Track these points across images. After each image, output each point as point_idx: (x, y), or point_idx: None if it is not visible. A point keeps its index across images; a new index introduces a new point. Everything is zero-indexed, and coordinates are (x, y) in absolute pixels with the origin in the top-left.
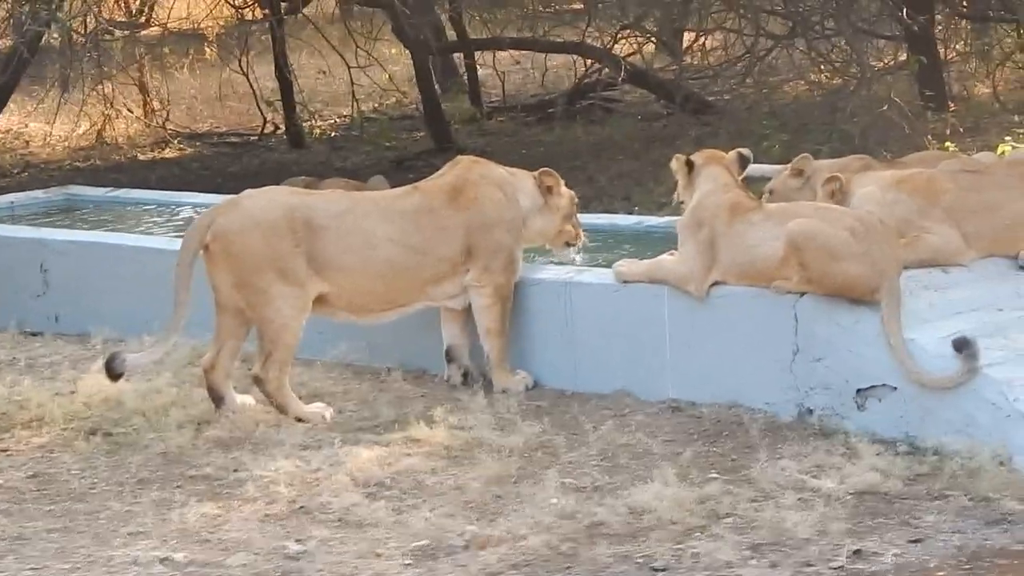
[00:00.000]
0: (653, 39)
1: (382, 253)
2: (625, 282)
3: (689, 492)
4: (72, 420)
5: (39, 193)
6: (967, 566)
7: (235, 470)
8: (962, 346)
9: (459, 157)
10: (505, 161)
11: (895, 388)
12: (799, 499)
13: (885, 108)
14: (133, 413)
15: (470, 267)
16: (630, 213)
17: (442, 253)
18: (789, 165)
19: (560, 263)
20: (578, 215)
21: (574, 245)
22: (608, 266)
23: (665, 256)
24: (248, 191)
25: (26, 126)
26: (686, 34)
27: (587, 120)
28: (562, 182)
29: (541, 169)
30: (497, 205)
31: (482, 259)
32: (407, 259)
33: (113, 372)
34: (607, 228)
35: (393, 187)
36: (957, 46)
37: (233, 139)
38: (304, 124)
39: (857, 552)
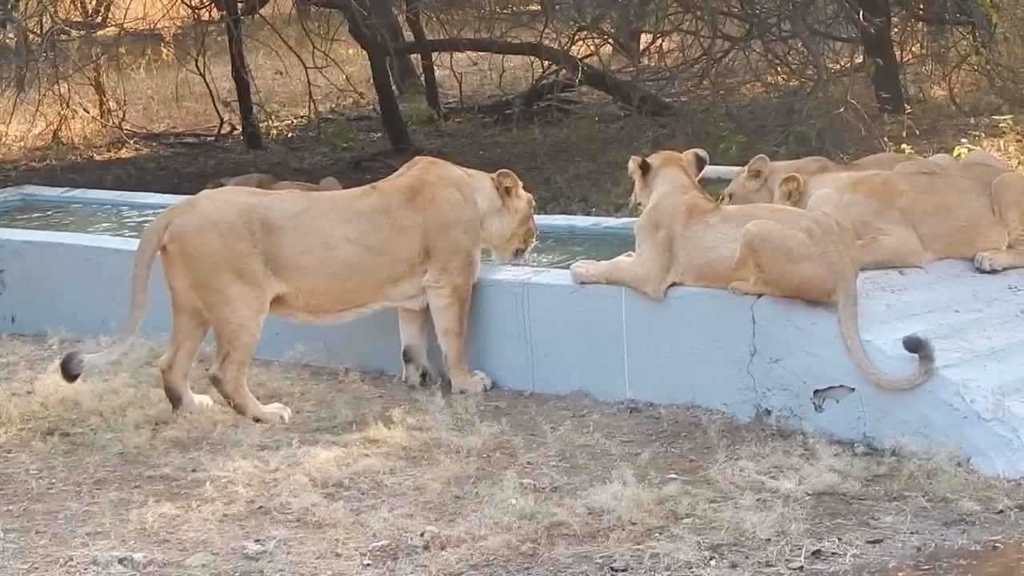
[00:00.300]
0: (610, 41)
1: (340, 253)
2: (583, 283)
3: (648, 493)
4: (29, 420)
5: None
6: (926, 566)
7: (193, 470)
8: (915, 346)
9: (417, 158)
10: (462, 162)
11: (852, 389)
12: (758, 500)
13: (842, 110)
14: (90, 413)
15: (428, 268)
16: (587, 214)
17: (400, 254)
18: (746, 167)
19: (517, 264)
20: (534, 217)
21: (523, 250)
22: (566, 267)
23: (622, 257)
24: (205, 191)
25: None
26: (643, 36)
27: (544, 121)
28: (520, 183)
29: (500, 171)
30: (455, 206)
31: (440, 260)
32: (365, 259)
33: (70, 373)
34: (564, 229)
35: (348, 188)
36: (913, 48)
37: (190, 139)
38: (261, 125)
39: (816, 553)
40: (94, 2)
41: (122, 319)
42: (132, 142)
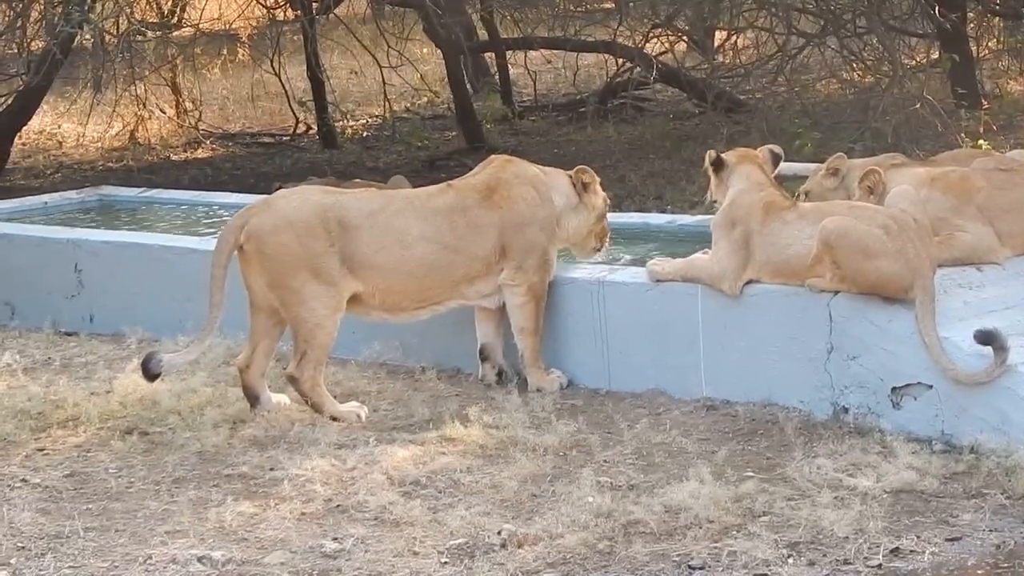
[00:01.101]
0: (684, 38)
1: (416, 252)
2: (658, 281)
3: (725, 491)
4: (108, 420)
5: (72, 194)
6: (1005, 564)
7: (271, 469)
8: (986, 339)
9: (492, 156)
10: (537, 160)
11: (930, 386)
12: (836, 497)
13: (917, 106)
14: (169, 412)
15: (504, 266)
16: (662, 212)
17: (476, 252)
18: (824, 165)
19: (594, 262)
20: (608, 215)
21: (599, 248)
22: (641, 265)
23: (698, 255)
24: (281, 191)
25: (59, 127)
26: (717, 33)
27: (619, 119)
28: (598, 180)
29: (578, 167)
30: (531, 204)
31: (516, 258)
32: (441, 258)
33: (150, 372)
34: (639, 227)
35: (417, 187)
36: (989, 43)
37: (265, 139)
38: (336, 124)
39: (895, 551)
40: (170, 3)
41: (199, 319)
42: (208, 142)
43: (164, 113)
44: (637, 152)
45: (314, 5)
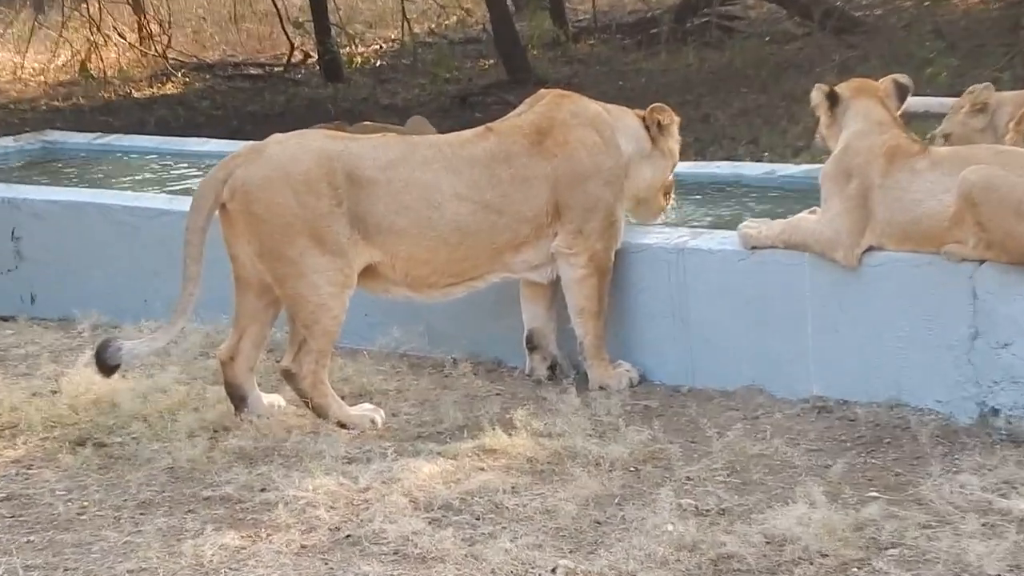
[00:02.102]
0: None
1: (447, 212)
2: (754, 248)
3: (842, 516)
4: (55, 427)
5: (8, 141)
6: None
7: (262, 489)
8: None
9: (542, 91)
10: (598, 95)
11: None
12: (984, 524)
13: None
14: (132, 418)
15: (559, 229)
16: (758, 160)
17: (523, 212)
18: (965, 98)
19: (669, 225)
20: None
21: (667, 208)
22: (732, 228)
23: (804, 215)
24: (275, 136)
25: None
26: None
27: (701, 43)
28: (677, 120)
29: (652, 105)
30: (592, 150)
31: (574, 219)
32: (479, 220)
33: (106, 365)
34: (729, 179)
35: (445, 131)
36: None
37: (252, 70)
38: (342, 51)
39: None
40: None
41: (170, 298)
42: (179, 74)
43: (123, 39)
44: (724, 84)
45: None
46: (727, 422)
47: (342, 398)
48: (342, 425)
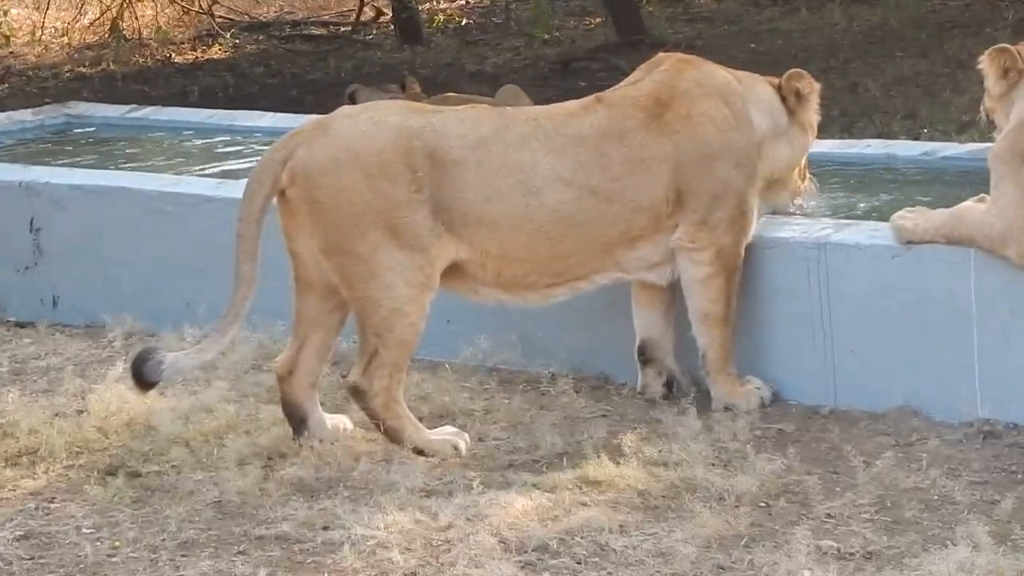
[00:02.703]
0: None
1: (548, 200)
2: (909, 243)
3: (1011, 561)
4: (80, 453)
5: (26, 114)
6: None
7: (325, 527)
8: None
9: (661, 55)
10: (726, 60)
11: None
12: None
13: None
14: (171, 443)
15: (680, 220)
16: (915, 138)
17: (639, 199)
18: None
19: (810, 214)
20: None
21: (802, 192)
22: (883, 219)
23: (970, 203)
24: (343, 109)
25: (4, 15)
26: None
27: None
28: (818, 89)
29: (789, 71)
30: (721, 126)
31: (699, 208)
32: (585, 208)
33: (145, 380)
34: (881, 160)
35: (544, 102)
36: None
37: (314, 31)
38: (421, 8)
39: None
40: None
41: (218, 301)
42: (228, 36)
43: None
44: (877, 48)
45: None
46: (875, 449)
47: (420, 420)
48: (420, 452)
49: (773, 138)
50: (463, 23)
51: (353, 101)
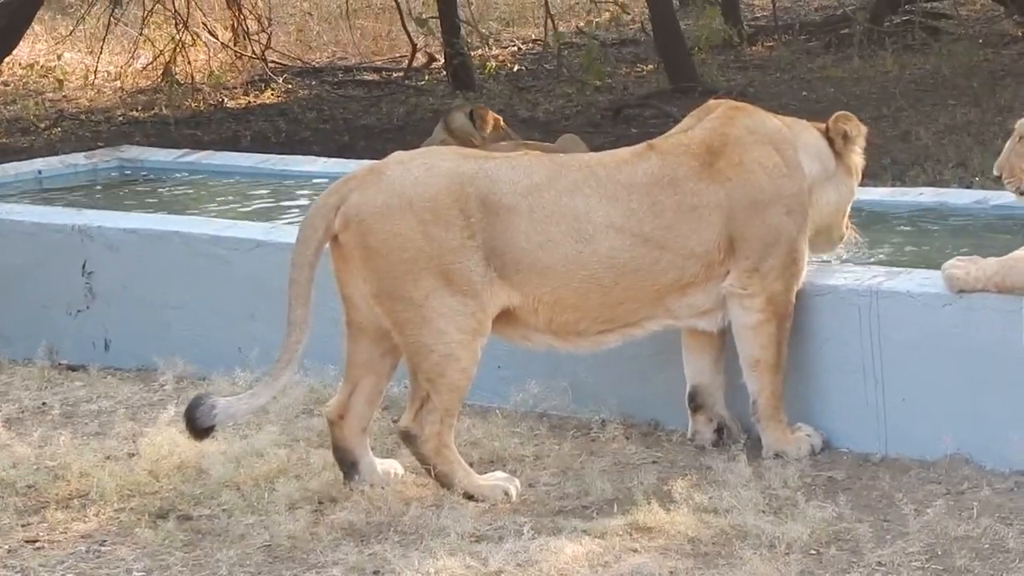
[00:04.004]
0: None
1: (601, 247)
2: (961, 291)
3: None
4: (132, 496)
5: (79, 158)
6: None
7: (375, 572)
8: None
9: (712, 102)
10: (778, 108)
11: None
12: None
13: None
14: (222, 486)
15: (731, 267)
16: (967, 186)
17: (691, 246)
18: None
19: (859, 263)
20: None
21: (844, 238)
22: (935, 267)
23: (1022, 252)
24: (396, 154)
25: (58, 58)
26: None
27: (901, 45)
28: (864, 132)
29: (837, 113)
30: (773, 173)
31: (750, 255)
32: (638, 256)
33: (198, 426)
34: (932, 208)
35: (598, 149)
36: None
37: (367, 76)
38: (473, 54)
39: None
40: None
41: (269, 345)
42: (280, 80)
43: (215, 37)
44: (929, 96)
45: None
46: (927, 497)
47: (470, 465)
48: (470, 497)
49: (822, 183)
50: (515, 69)
51: (448, 125)
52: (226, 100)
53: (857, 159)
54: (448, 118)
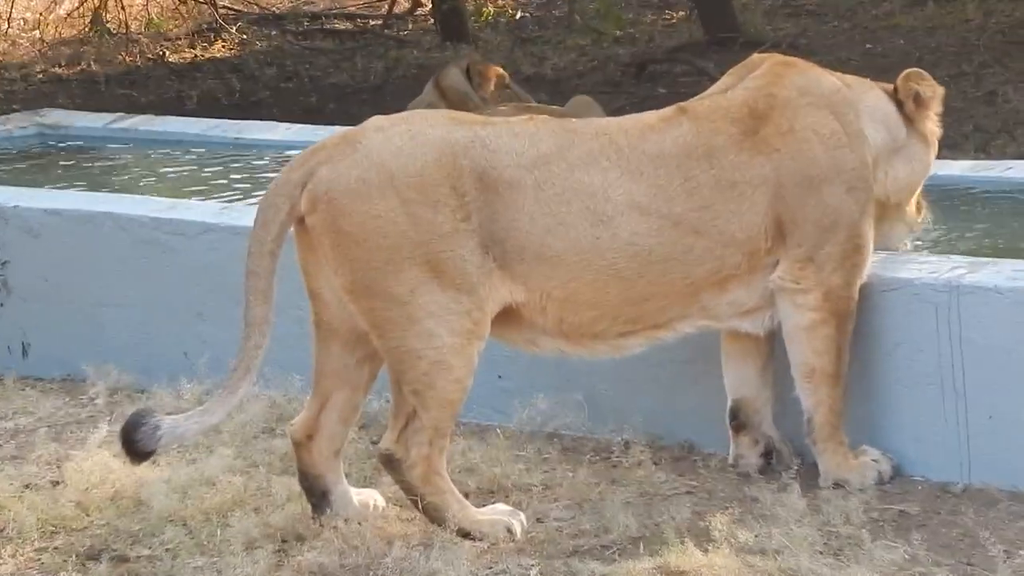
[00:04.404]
0: None
1: (621, 231)
2: None
3: None
4: (56, 533)
5: None
6: None
7: None
8: None
9: (756, 56)
10: (835, 63)
11: None
12: None
13: None
14: (165, 521)
15: (781, 257)
16: None
17: (731, 231)
18: None
19: (933, 252)
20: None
21: (917, 226)
22: None
23: None
24: (374, 120)
25: None
26: None
27: None
28: (941, 93)
29: (906, 71)
30: (830, 143)
31: (804, 241)
32: (666, 242)
33: (137, 449)
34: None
35: (617, 113)
36: None
37: (338, 25)
38: None
39: None
40: None
41: (222, 349)
42: (234, 29)
43: None
44: (1019, 49)
45: None
46: (1018, 536)
47: (466, 495)
48: (466, 534)
49: (889, 156)
50: (517, 16)
51: (439, 84)
52: (168, 54)
53: (932, 126)
54: (440, 75)
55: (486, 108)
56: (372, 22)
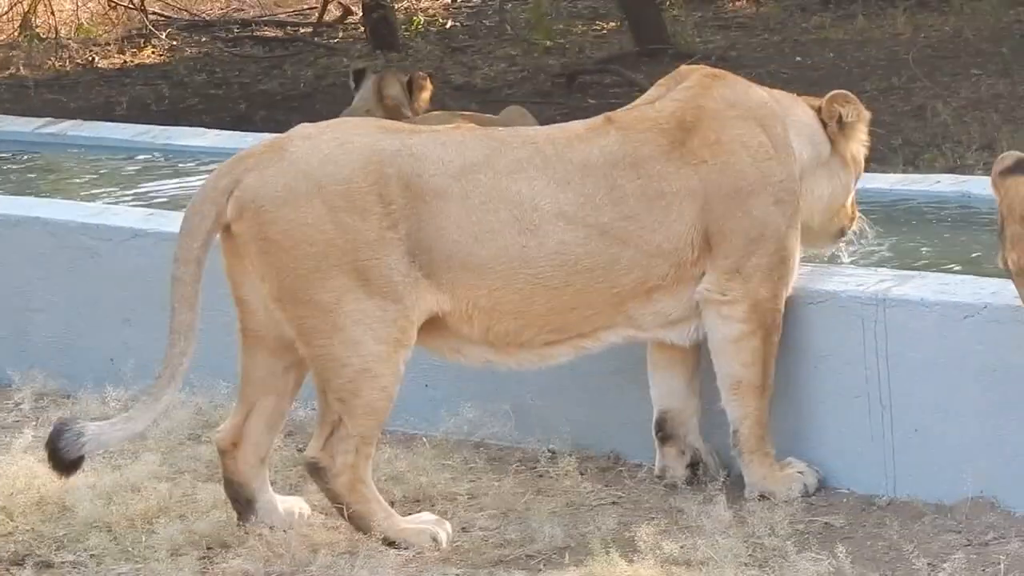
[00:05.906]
0: None
1: (548, 240)
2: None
3: None
4: None
5: None
6: None
7: None
8: None
9: (684, 68)
10: (763, 77)
11: None
12: None
13: None
14: (90, 528)
15: (707, 268)
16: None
17: (657, 241)
18: None
19: (862, 265)
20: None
21: (847, 233)
22: (960, 271)
23: None
24: (301, 127)
25: None
26: None
27: (915, 2)
28: (866, 115)
29: (832, 93)
30: (757, 155)
31: (731, 253)
32: (593, 251)
33: (61, 456)
34: (953, 199)
35: (546, 123)
36: None
37: (268, 32)
38: (398, 6)
39: None
40: None
41: (148, 355)
42: (164, 36)
43: None
44: (948, 64)
45: None
46: (943, 550)
47: (392, 504)
48: (391, 543)
49: (814, 170)
50: (448, 25)
51: (381, 91)
52: (97, 59)
53: (856, 148)
54: (383, 82)
55: (415, 118)
56: (302, 30)
